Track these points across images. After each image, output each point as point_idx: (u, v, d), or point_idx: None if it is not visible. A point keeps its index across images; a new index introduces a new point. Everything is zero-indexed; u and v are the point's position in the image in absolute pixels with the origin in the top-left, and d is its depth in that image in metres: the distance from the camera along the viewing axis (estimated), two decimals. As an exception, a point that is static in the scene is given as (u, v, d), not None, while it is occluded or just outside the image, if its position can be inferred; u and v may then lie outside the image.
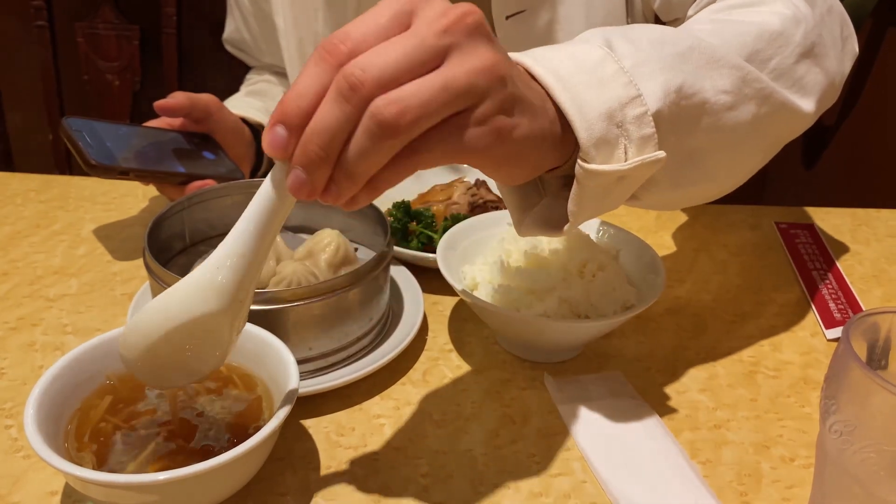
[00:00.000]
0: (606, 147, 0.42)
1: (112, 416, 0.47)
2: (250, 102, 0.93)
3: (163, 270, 0.55)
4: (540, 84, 0.42)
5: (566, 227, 0.46)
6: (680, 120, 0.46)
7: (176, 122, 0.77)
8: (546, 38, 0.79)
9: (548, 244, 0.64)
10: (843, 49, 0.59)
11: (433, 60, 0.36)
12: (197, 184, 0.72)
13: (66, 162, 1.45)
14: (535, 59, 0.43)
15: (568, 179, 0.46)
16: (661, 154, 0.44)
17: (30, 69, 1.44)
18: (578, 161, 0.43)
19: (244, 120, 0.86)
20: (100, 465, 0.44)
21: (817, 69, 0.55)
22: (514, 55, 0.43)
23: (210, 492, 0.45)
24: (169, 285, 0.55)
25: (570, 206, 0.45)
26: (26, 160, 1.60)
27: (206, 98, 0.77)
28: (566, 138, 0.43)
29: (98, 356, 0.49)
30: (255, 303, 0.54)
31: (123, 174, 0.69)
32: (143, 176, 0.70)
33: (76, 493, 0.47)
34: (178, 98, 0.74)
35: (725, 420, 0.57)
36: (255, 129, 0.87)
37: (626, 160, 0.43)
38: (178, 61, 1.38)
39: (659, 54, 0.45)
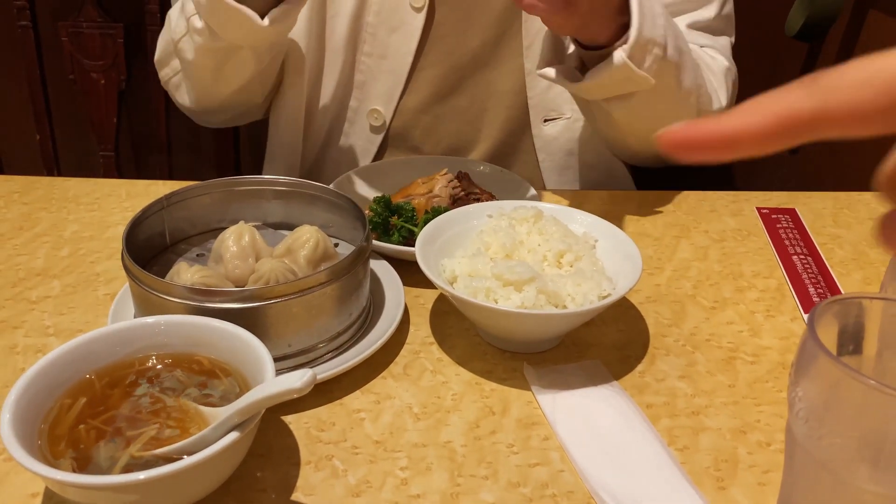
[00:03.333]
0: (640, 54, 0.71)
1: (90, 416, 0.47)
2: None
3: (141, 271, 0.55)
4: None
5: (581, 83, 0.74)
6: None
7: None
8: None
9: (526, 236, 0.64)
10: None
11: None
12: None
13: (53, 162, 1.45)
14: None
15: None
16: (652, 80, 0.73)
17: (15, 70, 1.44)
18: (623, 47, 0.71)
19: None
20: (80, 466, 0.45)
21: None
22: None
23: (190, 489, 0.46)
24: (147, 286, 0.55)
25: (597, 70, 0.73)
26: (13, 161, 1.59)
27: None
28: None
29: (77, 357, 0.50)
30: (233, 301, 0.54)
31: None
32: None
33: (57, 495, 0.48)
34: None
35: (703, 406, 0.57)
36: None
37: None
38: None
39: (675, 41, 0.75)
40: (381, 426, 0.55)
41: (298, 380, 0.42)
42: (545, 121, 0.92)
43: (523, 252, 0.63)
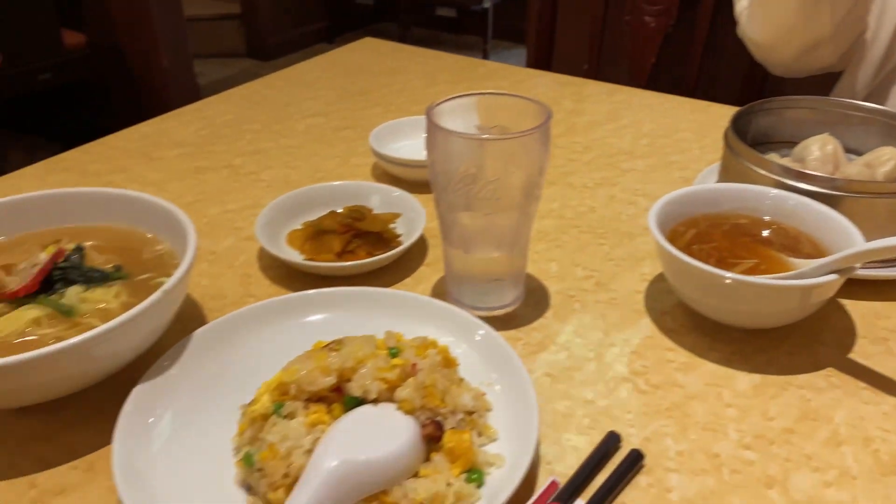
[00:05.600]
0: None
1: (700, 243, 0.61)
2: None
3: (744, 147, 0.67)
4: None
5: None
6: None
7: None
8: None
9: None
10: None
11: None
12: None
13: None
14: None
15: None
16: None
17: (585, 7, 1.71)
18: None
19: None
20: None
21: None
22: None
23: (777, 307, 0.56)
24: (746, 159, 0.66)
25: None
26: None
27: None
28: None
29: (687, 202, 0.64)
30: (821, 186, 0.62)
31: None
32: None
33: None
34: None
35: None
36: None
37: None
38: (714, 10, 1.49)
39: None
40: (939, 333, 0.58)
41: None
42: None
43: None
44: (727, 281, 0.53)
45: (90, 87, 2.80)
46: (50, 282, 0.54)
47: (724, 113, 0.99)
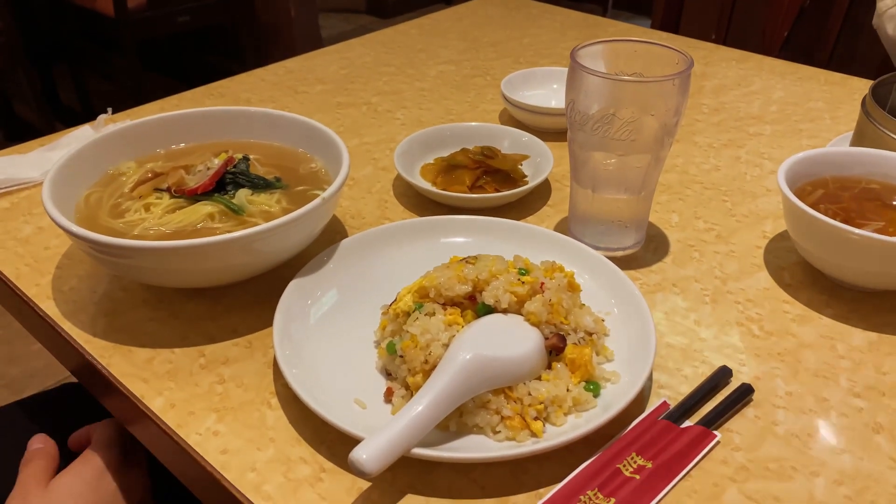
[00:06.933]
0: None
1: (829, 203, 0.62)
2: None
3: (887, 117, 0.67)
4: None
5: None
6: None
7: None
8: None
9: None
10: None
11: None
12: None
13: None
14: None
15: None
16: None
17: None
18: None
19: None
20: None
21: None
22: None
23: None
24: (884, 127, 0.66)
25: None
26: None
27: None
28: None
29: (818, 163, 0.64)
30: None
31: None
32: None
33: (776, 251, 0.64)
34: None
35: None
36: None
37: None
38: (857, -17, 1.43)
39: None
40: None
41: None
42: None
43: None
44: (853, 237, 0.54)
45: (221, 32, 2.95)
46: (222, 184, 0.61)
47: (860, 86, 0.97)
